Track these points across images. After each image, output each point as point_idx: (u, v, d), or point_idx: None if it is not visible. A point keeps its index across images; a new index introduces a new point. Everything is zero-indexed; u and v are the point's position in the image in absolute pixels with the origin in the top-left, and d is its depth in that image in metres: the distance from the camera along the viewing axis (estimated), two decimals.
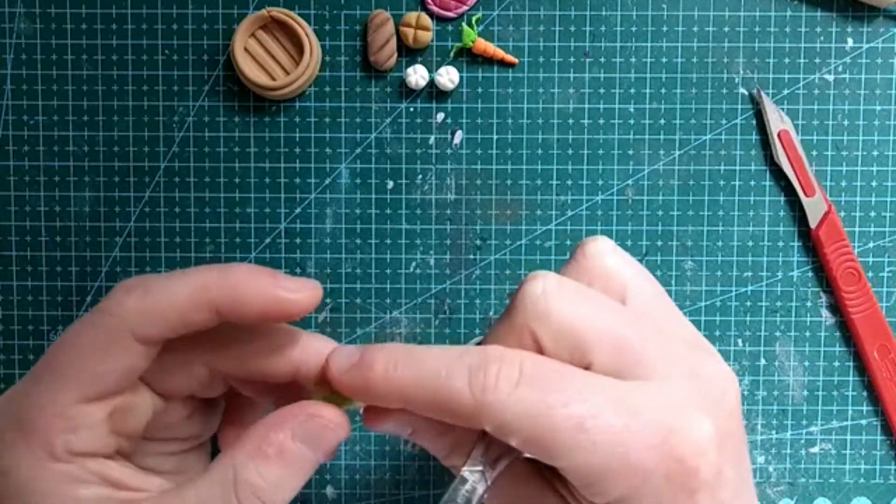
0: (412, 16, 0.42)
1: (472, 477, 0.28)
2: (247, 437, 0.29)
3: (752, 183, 0.43)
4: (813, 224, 0.43)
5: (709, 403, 0.27)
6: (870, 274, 0.43)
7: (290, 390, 0.33)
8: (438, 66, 0.42)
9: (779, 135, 0.42)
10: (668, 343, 0.28)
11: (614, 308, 0.28)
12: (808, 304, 0.43)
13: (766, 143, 0.43)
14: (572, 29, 0.42)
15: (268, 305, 0.28)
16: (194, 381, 0.32)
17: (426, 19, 0.42)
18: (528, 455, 0.29)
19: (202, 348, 0.31)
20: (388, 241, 0.43)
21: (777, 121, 0.42)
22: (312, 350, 0.31)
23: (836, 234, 0.42)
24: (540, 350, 0.28)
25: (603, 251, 0.29)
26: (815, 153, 0.43)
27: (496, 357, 0.27)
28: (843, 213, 0.43)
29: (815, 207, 0.42)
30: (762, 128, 0.43)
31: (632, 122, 0.43)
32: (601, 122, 0.43)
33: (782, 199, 0.43)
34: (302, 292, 0.29)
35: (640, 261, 0.43)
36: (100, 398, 0.29)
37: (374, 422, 0.30)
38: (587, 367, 0.27)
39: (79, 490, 0.28)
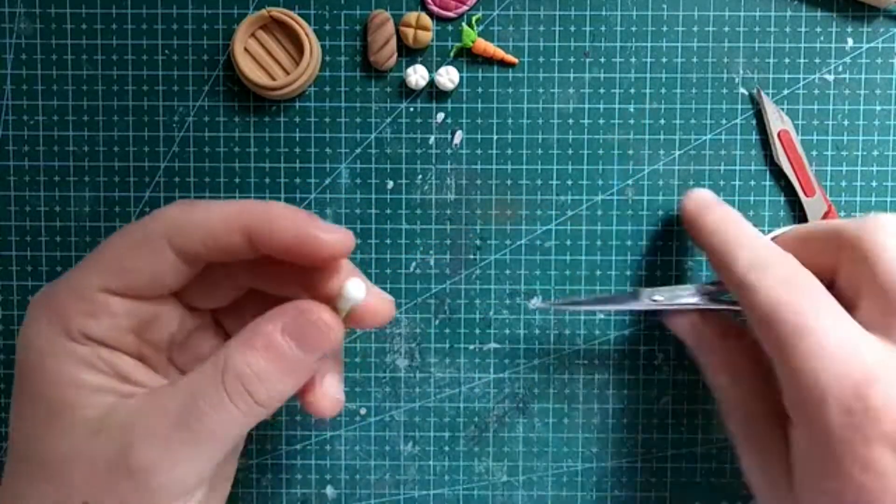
0: (412, 16, 0.42)
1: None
2: (242, 329, 0.30)
3: (752, 183, 0.43)
4: None
5: None
6: None
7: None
8: (438, 66, 0.42)
9: (779, 135, 0.42)
10: None
11: None
12: None
13: (766, 143, 0.43)
14: (572, 29, 0.42)
15: (299, 240, 0.29)
16: (231, 296, 0.33)
17: (426, 19, 0.42)
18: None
19: (245, 267, 0.32)
20: (388, 241, 0.43)
21: (777, 121, 0.42)
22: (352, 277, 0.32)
23: None
24: (832, 283, 0.33)
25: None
26: (815, 153, 0.43)
27: (777, 255, 0.34)
28: (843, 213, 0.43)
29: (815, 207, 0.42)
30: (762, 128, 0.43)
31: (632, 122, 0.43)
32: (601, 122, 0.43)
33: (782, 199, 0.43)
34: (334, 235, 0.30)
35: (641, 261, 0.43)
36: (124, 293, 0.30)
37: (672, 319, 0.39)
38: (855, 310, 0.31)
39: (86, 374, 0.29)
